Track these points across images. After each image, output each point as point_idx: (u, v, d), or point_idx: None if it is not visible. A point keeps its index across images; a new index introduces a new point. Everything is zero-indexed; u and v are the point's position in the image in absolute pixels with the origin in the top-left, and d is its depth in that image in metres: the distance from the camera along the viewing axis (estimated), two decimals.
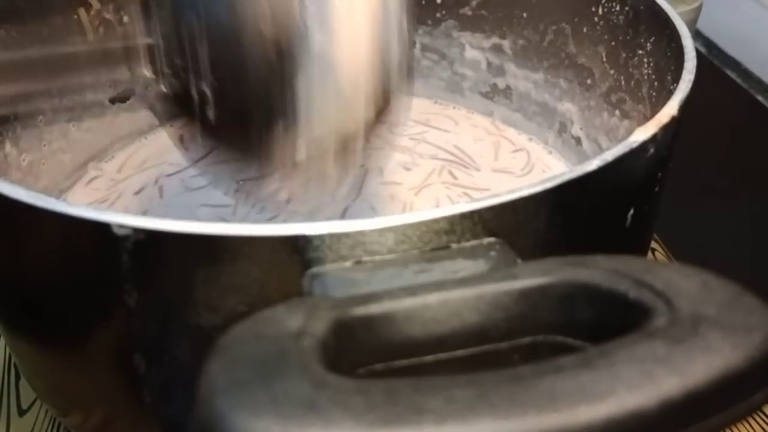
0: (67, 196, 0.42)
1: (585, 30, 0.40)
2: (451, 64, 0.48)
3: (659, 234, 0.47)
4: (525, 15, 0.44)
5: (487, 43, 0.46)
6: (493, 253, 0.21)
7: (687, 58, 0.30)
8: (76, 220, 0.22)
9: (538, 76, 0.44)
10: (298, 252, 0.21)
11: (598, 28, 0.39)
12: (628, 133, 0.25)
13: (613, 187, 0.25)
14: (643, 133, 0.25)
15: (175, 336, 0.24)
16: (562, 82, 0.43)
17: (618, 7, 0.38)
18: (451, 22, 0.46)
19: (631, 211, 0.27)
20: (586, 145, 0.43)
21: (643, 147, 0.25)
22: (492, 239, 0.22)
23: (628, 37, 0.37)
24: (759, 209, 0.50)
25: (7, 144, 0.37)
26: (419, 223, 0.21)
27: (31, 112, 0.39)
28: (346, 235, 0.21)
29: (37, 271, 0.25)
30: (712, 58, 0.70)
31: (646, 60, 0.36)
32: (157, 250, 0.22)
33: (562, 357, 0.15)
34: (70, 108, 0.41)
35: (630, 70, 0.37)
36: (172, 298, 0.23)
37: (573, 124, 0.43)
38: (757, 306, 0.17)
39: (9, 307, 0.28)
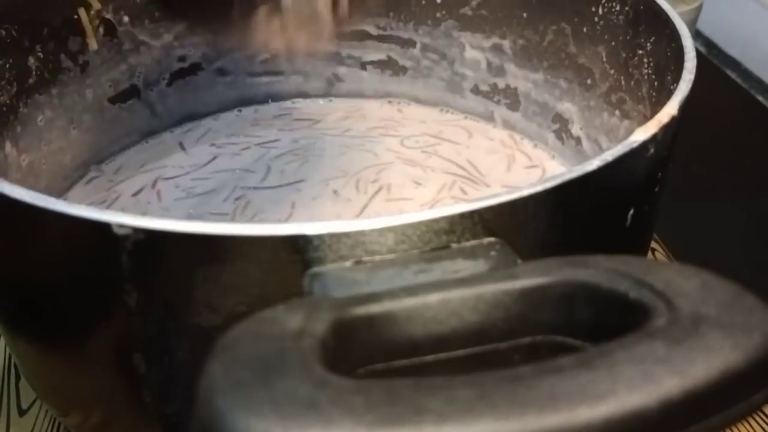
0: (67, 196, 0.41)
1: (585, 30, 0.40)
2: (451, 64, 0.48)
3: (659, 234, 0.47)
4: (525, 15, 0.44)
5: (487, 43, 0.46)
6: (493, 253, 0.21)
7: (687, 58, 0.30)
8: (76, 220, 0.22)
9: (538, 76, 0.44)
10: (298, 252, 0.21)
11: (598, 28, 0.39)
12: (628, 133, 0.25)
13: (613, 187, 0.25)
14: (643, 133, 0.25)
15: (175, 336, 0.24)
16: (562, 82, 0.43)
17: (618, 7, 0.38)
18: (451, 22, 0.46)
19: (632, 211, 0.26)
20: (586, 145, 0.43)
21: (644, 147, 0.25)
22: (492, 239, 0.22)
23: (628, 37, 0.37)
24: (759, 209, 0.50)
25: (7, 144, 0.37)
26: (419, 223, 0.21)
27: (31, 112, 0.39)
28: (346, 235, 0.21)
29: (37, 270, 0.25)
30: (712, 58, 0.70)
31: (646, 60, 0.36)
32: (157, 249, 0.22)
33: (562, 357, 0.15)
34: (70, 108, 0.41)
35: (630, 70, 0.37)
36: (172, 298, 0.23)
37: (573, 124, 0.43)
38: (757, 306, 0.17)
39: (9, 307, 0.28)
